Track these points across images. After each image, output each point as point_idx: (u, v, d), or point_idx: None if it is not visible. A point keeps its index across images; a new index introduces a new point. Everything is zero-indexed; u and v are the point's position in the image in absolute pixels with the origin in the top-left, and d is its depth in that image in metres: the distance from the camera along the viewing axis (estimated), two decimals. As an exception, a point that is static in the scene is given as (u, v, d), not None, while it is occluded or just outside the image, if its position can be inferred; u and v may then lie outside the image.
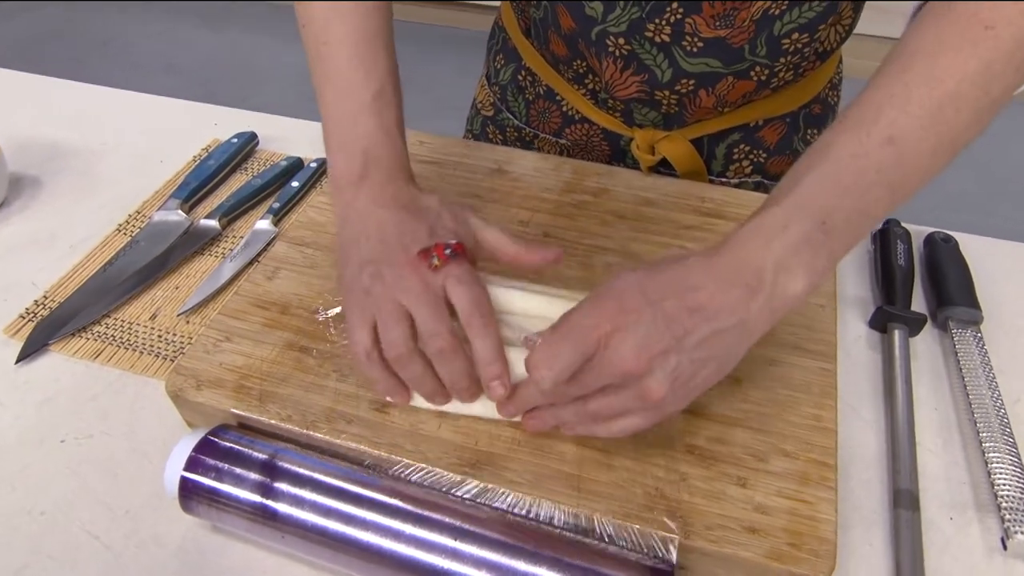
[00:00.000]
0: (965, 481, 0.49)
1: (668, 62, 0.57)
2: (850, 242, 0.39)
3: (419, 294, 0.42)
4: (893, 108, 0.38)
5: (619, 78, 0.60)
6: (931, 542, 0.45)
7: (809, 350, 0.49)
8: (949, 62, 0.37)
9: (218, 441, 0.44)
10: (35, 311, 0.59)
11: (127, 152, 0.76)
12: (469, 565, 0.38)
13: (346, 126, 0.47)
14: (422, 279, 0.42)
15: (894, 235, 0.61)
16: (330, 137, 0.48)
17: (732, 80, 0.58)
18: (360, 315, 0.43)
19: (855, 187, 0.38)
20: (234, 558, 0.45)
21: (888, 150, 0.37)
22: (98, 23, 2.75)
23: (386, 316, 0.42)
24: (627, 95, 0.61)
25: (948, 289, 0.58)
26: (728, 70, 0.57)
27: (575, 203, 0.61)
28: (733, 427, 0.45)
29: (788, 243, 0.38)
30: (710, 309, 0.37)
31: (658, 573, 0.38)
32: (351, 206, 0.46)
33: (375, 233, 0.45)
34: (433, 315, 0.42)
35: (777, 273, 0.38)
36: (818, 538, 0.39)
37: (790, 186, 0.39)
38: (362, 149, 0.47)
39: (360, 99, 0.47)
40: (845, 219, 0.38)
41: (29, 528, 0.46)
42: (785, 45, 0.56)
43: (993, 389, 0.52)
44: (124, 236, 0.66)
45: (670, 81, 0.59)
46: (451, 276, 0.42)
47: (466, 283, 0.42)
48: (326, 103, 0.48)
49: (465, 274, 0.43)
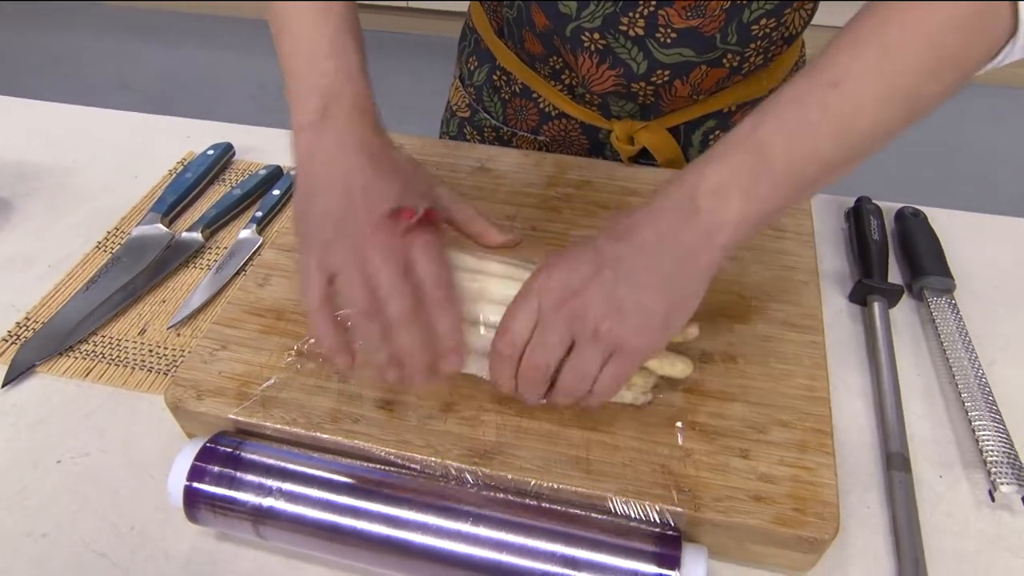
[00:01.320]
0: (951, 441, 0.51)
1: (643, 54, 0.59)
2: (798, 180, 0.38)
3: (384, 256, 0.40)
4: (840, 54, 0.38)
5: (595, 73, 0.61)
6: (924, 500, 0.47)
7: (797, 324, 0.51)
8: (902, 15, 0.37)
9: (218, 448, 0.44)
10: (18, 333, 0.58)
11: (99, 169, 0.75)
12: (485, 548, 0.39)
13: (304, 70, 0.44)
14: (387, 241, 0.40)
15: (866, 211, 0.64)
16: (290, 84, 0.45)
17: (705, 69, 0.60)
18: (317, 266, 0.41)
19: (798, 125, 0.38)
20: (246, 564, 0.44)
21: (832, 91, 0.37)
22: (43, 43, 2.68)
23: (349, 273, 0.40)
24: (604, 89, 0.62)
25: (921, 260, 0.60)
26: (701, 59, 0.59)
27: (559, 196, 0.62)
28: (731, 402, 0.46)
29: (722, 170, 0.38)
30: (638, 235, 0.39)
31: (666, 540, 0.39)
32: (313, 149, 0.43)
33: (340, 182, 0.41)
34: (394, 279, 0.40)
35: (710, 197, 0.38)
36: (821, 501, 0.41)
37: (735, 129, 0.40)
38: (321, 89, 0.43)
39: (318, 43, 0.44)
40: (786, 153, 0.38)
41: (31, 551, 0.45)
42: (755, 31, 0.58)
43: (970, 352, 0.54)
44: (104, 253, 0.65)
45: (646, 73, 0.60)
46: (417, 243, 0.41)
47: (433, 252, 0.41)
48: (284, 54, 0.46)
49: (433, 242, 0.41)
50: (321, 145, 0.43)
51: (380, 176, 0.42)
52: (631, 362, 0.40)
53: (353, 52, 0.45)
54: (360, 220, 0.40)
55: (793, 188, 0.39)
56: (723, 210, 0.38)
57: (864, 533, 0.45)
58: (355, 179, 0.42)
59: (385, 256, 0.40)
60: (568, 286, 0.40)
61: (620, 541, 0.39)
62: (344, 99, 0.43)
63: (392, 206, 0.41)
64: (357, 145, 0.42)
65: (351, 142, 0.43)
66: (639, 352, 0.40)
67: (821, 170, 0.38)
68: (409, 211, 0.41)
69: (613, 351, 0.39)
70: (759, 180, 0.38)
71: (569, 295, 0.39)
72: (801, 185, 0.39)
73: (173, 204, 0.68)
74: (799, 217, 0.59)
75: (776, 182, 0.38)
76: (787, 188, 0.38)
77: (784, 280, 0.54)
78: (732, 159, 0.39)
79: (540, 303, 0.40)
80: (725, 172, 0.38)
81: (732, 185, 0.38)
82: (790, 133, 0.38)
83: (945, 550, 0.45)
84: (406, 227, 0.41)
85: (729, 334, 0.50)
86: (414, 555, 0.40)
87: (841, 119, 0.37)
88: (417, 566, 0.40)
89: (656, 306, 0.39)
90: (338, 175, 0.42)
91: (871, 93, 0.37)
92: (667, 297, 0.39)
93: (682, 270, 0.39)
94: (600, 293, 0.39)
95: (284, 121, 0.48)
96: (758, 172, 0.38)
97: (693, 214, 0.38)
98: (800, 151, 0.38)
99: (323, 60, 0.44)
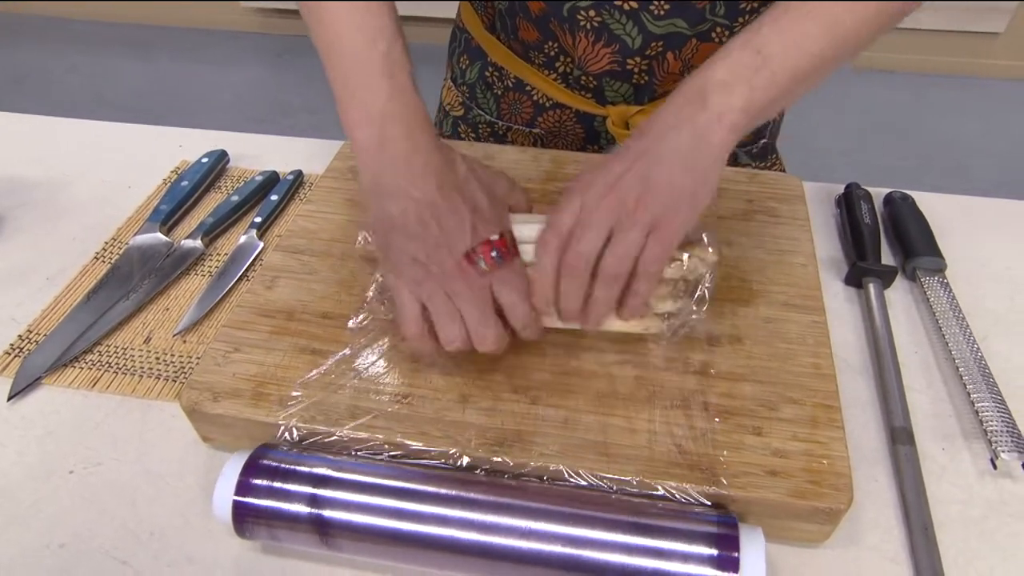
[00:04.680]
0: (951, 414, 0.52)
1: (637, 28, 0.60)
2: (793, 73, 0.43)
3: (468, 298, 0.44)
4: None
5: (591, 52, 0.63)
6: (928, 471, 0.48)
7: (799, 305, 0.52)
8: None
9: (263, 461, 0.43)
10: (20, 346, 0.57)
11: (92, 181, 0.75)
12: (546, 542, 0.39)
13: (357, 90, 0.45)
14: (469, 281, 0.44)
15: (857, 197, 0.65)
16: (347, 111, 0.45)
17: (696, 43, 0.62)
18: (409, 298, 0.45)
19: (788, 24, 0.43)
20: (270, 567, 0.44)
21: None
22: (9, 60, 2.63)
23: (441, 313, 0.45)
24: (600, 68, 0.64)
25: (912, 242, 0.62)
26: (692, 31, 0.61)
27: (559, 191, 0.62)
28: (741, 382, 0.47)
29: (728, 65, 0.43)
30: (658, 126, 0.44)
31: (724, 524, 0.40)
32: (379, 174, 0.45)
33: (413, 215, 0.44)
34: (482, 319, 0.44)
35: (716, 87, 0.43)
36: (835, 473, 0.42)
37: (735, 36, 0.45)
38: (376, 111, 0.44)
39: (370, 61, 0.45)
40: (781, 49, 0.43)
41: (51, 562, 0.44)
42: (742, 5, 0.60)
43: (964, 329, 0.56)
44: (104, 264, 0.64)
45: (640, 47, 0.62)
46: (497, 278, 0.45)
47: (512, 286, 0.45)
48: (335, 78, 0.46)
49: (511, 276, 0.45)
50: (386, 170, 0.44)
51: (453, 211, 0.44)
52: (669, 236, 0.43)
53: (405, 66, 0.46)
54: (443, 259, 0.44)
55: (789, 80, 0.43)
56: (729, 98, 0.43)
57: (874, 505, 0.47)
58: (427, 210, 0.44)
59: (468, 298, 0.44)
60: (606, 181, 0.44)
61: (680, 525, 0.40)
62: (400, 120, 0.45)
63: (468, 246, 0.44)
64: (422, 170, 0.44)
65: (417, 166, 0.44)
66: (674, 225, 0.43)
67: (813, 63, 0.44)
68: (486, 248, 0.44)
69: (651, 229, 0.43)
70: (759, 73, 0.43)
71: (607, 189, 0.44)
72: (796, 77, 0.43)
73: (170, 213, 0.68)
74: (794, 204, 0.61)
75: (774, 74, 0.43)
76: (784, 80, 0.43)
77: (783, 264, 0.55)
78: (735, 58, 0.43)
79: (583, 199, 0.44)
80: (730, 67, 0.43)
81: (737, 77, 0.43)
82: (783, 31, 0.43)
83: (952, 518, 0.46)
84: (487, 266, 0.44)
85: (734, 317, 0.51)
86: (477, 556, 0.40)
87: (828, 16, 0.43)
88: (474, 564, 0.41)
89: (683, 182, 0.43)
90: (411, 204, 0.44)
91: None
92: (690, 174, 0.43)
93: (698, 149, 0.43)
94: (634, 179, 0.43)
95: (272, 129, 0.49)
96: (758, 67, 0.43)
97: (703, 102, 0.43)
98: (794, 49, 0.43)
99: (378, 81, 0.44)
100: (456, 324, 0.45)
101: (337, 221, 0.60)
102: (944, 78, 2.42)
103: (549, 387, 0.47)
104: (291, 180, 0.71)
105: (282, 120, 2.33)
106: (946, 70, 2.41)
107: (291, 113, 2.37)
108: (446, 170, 0.45)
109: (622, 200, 0.43)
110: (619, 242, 0.43)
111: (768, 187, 0.62)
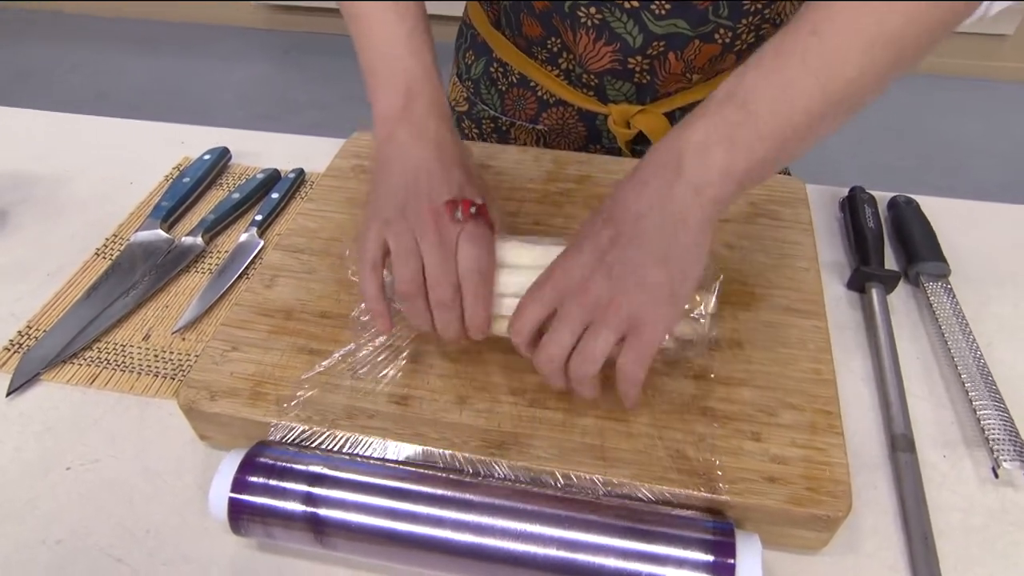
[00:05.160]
0: (953, 421, 0.52)
1: (638, 27, 0.60)
2: (783, 130, 0.38)
3: (433, 242, 0.43)
4: (822, 6, 0.38)
5: (592, 50, 0.62)
6: (929, 479, 0.48)
7: (800, 310, 0.52)
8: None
9: (260, 459, 0.43)
10: (20, 342, 0.57)
11: (93, 177, 0.75)
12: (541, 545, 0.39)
13: (386, 68, 0.49)
14: (439, 228, 0.44)
15: (861, 200, 0.65)
16: (371, 80, 0.49)
17: (699, 44, 0.61)
18: (375, 236, 0.45)
19: (778, 73, 0.38)
20: (265, 565, 0.44)
21: (812, 39, 0.37)
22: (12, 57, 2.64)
23: (402, 250, 0.44)
24: (601, 67, 0.63)
25: (916, 246, 0.61)
26: (694, 32, 0.60)
27: (560, 191, 0.62)
28: (740, 387, 0.47)
29: (705, 125, 0.39)
30: (629, 211, 0.40)
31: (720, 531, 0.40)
32: (393, 135, 0.47)
33: (411, 167, 0.46)
34: (442, 265, 0.43)
35: (694, 153, 0.39)
36: (833, 480, 0.42)
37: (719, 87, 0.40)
38: (404, 85, 0.48)
39: (396, 39, 0.49)
40: (770, 102, 0.38)
41: (46, 558, 0.44)
42: (746, 6, 0.59)
43: (967, 335, 0.56)
44: (104, 260, 0.64)
45: (641, 46, 0.61)
46: (466, 232, 0.44)
47: (477, 243, 0.44)
48: (364, 54, 0.50)
49: (480, 234, 0.44)
50: (400, 133, 0.47)
51: (445, 168, 0.46)
52: (648, 339, 0.39)
53: (427, 53, 0.49)
54: (421, 204, 0.44)
55: (778, 138, 0.38)
56: (708, 164, 0.38)
57: (873, 513, 0.46)
58: (423, 166, 0.46)
59: (437, 241, 0.43)
60: (579, 276, 0.41)
61: (676, 531, 0.39)
62: (423, 97, 0.48)
63: (452, 196, 0.44)
64: (431, 137, 0.47)
65: (427, 134, 0.47)
66: (653, 327, 0.39)
67: (806, 120, 0.38)
68: (467, 202, 0.44)
69: (627, 331, 0.39)
70: (742, 131, 0.38)
71: (578, 286, 0.40)
72: (786, 135, 0.38)
73: (171, 209, 0.68)
74: (797, 207, 0.60)
75: (760, 133, 0.38)
76: (772, 138, 0.38)
77: (785, 268, 0.55)
78: (715, 114, 0.39)
79: (555, 290, 0.41)
80: (708, 127, 0.39)
81: (715, 138, 0.38)
82: (772, 82, 0.38)
83: (952, 526, 0.46)
84: (463, 216, 0.44)
85: (734, 321, 0.51)
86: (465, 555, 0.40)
87: (823, 69, 0.37)
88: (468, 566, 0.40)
89: (658, 278, 0.39)
90: (410, 161, 0.46)
91: (855, 44, 0.37)
92: (666, 267, 0.39)
93: (676, 236, 0.39)
94: (603, 279, 0.40)
95: (277, 126, 0.50)
96: (741, 123, 0.38)
97: (678, 173, 0.39)
98: (783, 101, 0.38)
99: (402, 59, 0.48)
100: (414, 261, 0.44)
101: (337, 220, 0.60)
102: (951, 79, 2.40)
103: (547, 389, 0.47)
104: (292, 178, 0.71)
105: (288, 117, 2.33)
106: (954, 72, 2.40)
107: (297, 110, 2.37)
108: (453, 146, 0.48)
109: (592, 302, 0.40)
110: (587, 342, 0.40)
111: (771, 190, 0.62)
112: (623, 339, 0.40)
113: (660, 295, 0.39)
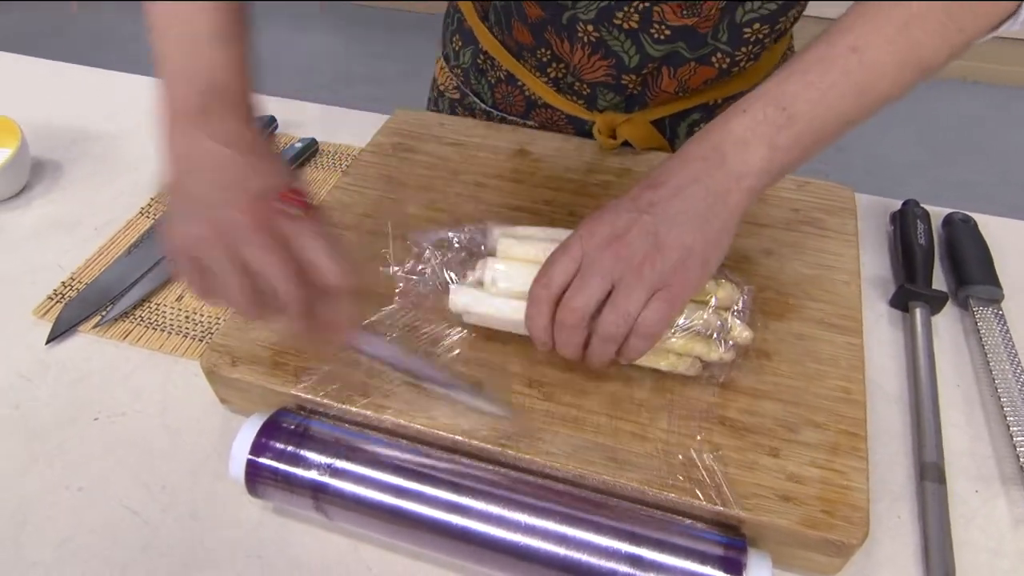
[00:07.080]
0: (990, 455, 0.49)
1: (636, 48, 0.58)
2: (819, 134, 0.41)
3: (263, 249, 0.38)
4: (861, 23, 0.41)
5: (587, 63, 0.61)
6: (958, 514, 0.46)
7: (835, 325, 0.50)
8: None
9: (282, 424, 0.44)
10: (63, 292, 0.59)
11: (146, 137, 0.77)
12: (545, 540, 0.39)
13: (185, 55, 0.42)
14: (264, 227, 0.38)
15: (913, 215, 0.62)
16: (167, 66, 0.42)
17: (695, 65, 0.59)
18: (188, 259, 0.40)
19: (819, 82, 0.40)
20: (272, 529, 0.45)
21: (853, 56, 0.40)
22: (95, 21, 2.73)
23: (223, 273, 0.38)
24: (594, 79, 0.62)
25: (968, 268, 0.58)
26: (693, 55, 0.58)
27: (599, 183, 0.61)
28: (763, 399, 0.45)
29: (745, 121, 0.41)
30: (671, 181, 0.41)
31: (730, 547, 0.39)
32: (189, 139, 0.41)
33: (212, 172, 0.40)
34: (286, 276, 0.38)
35: (735, 145, 0.41)
36: (851, 505, 0.40)
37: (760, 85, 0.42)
38: (204, 80, 0.41)
39: (204, 28, 0.42)
40: (809, 108, 0.40)
41: (69, 503, 0.46)
42: (747, 35, 0.57)
43: (1015, 365, 0.53)
44: (147, 219, 0.66)
45: (637, 66, 0.60)
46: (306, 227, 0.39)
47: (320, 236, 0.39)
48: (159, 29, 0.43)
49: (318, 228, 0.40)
50: (197, 137, 0.41)
51: (251, 165, 0.40)
52: (676, 299, 0.41)
53: (243, 42, 0.43)
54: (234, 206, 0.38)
55: (813, 141, 0.41)
56: (748, 158, 0.41)
57: (893, 543, 0.44)
58: (227, 167, 0.40)
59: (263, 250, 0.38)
60: (611, 232, 0.41)
61: (686, 543, 0.38)
62: (228, 95, 0.41)
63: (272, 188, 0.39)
64: (233, 139, 0.41)
65: (230, 137, 0.41)
66: (682, 288, 0.41)
67: (840, 125, 0.41)
68: (294, 192, 0.40)
69: (657, 289, 0.40)
70: (783, 134, 0.40)
71: (612, 239, 0.41)
72: (821, 138, 0.41)
73: (216, 174, 0.69)
74: (844, 216, 0.58)
75: (799, 135, 0.40)
76: (808, 140, 0.41)
77: (824, 279, 0.53)
78: (757, 112, 0.41)
79: (584, 248, 0.41)
80: (750, 124, 0.41)
81: (757, 136, 0.40)
82: (814, 91, 0.40)
83: (978, 567, 0.43)
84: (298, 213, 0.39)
85: (764, 330, 0.49)
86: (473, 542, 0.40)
87: (861, 82, 0.40)
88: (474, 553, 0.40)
89: (693, 243, 0.40)
90: (210, 167, 0.40)
91: (891, 61, 0.40)
92: (702, 234, 0.41)
93: (713, 209, 0.41)
94: (641, 235, 0.40)
95: (330, 98, 0.47)
96: (781, 125, 0.40)
97: (720, 162, 0.41)
98: (822, 108, 0.40)
99: (210, 48, 0.42)
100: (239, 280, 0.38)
101: (372, 196, 0.60)
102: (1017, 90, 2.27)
103: (564, 384, 0.46)
104: (299, 148, 0.71)
105: (343, 90, 2.36)
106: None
107: (353, 83, 2.39)
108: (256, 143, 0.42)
109: (628, 254, 0.40)
110: (620, 299, 0.40)
111: (817, 197, 0.60)
112: None
113: (695, 259, 0.41)
